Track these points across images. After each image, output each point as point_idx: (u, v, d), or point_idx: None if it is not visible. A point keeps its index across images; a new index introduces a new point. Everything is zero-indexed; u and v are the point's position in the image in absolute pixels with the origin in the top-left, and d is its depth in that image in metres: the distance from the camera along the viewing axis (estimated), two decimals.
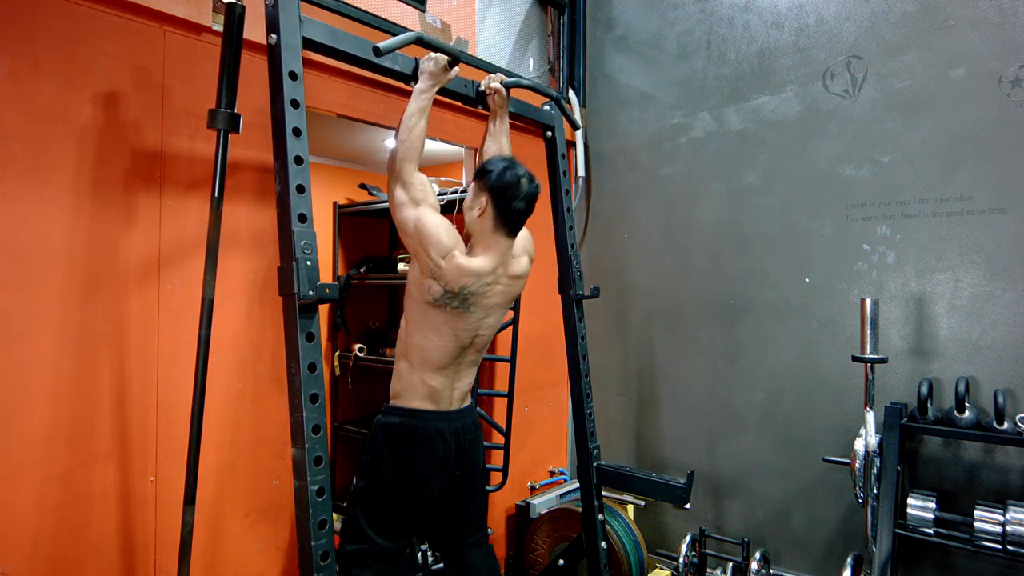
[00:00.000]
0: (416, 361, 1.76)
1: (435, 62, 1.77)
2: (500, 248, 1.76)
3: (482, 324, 1.80)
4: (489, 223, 1.74)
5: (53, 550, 1.64)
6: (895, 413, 2.26)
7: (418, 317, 1.75)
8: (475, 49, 2.96)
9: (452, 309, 1.72)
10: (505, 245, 1.77)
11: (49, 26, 1.64)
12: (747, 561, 2.51)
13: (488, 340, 1.88)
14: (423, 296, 1.72)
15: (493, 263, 1.75)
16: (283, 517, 2.16)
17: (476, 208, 1.75)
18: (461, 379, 1.84)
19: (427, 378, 1.76)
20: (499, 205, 1.73)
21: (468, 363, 1.85)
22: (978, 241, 2.27)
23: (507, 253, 1.79)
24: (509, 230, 1.76)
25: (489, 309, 1.80)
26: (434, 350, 1.75)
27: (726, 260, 2.88)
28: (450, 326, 1.74)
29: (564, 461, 3.41)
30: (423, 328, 1.74)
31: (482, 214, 1.74)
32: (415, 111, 1.72)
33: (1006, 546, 1.97)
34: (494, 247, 1.75)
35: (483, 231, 1.76)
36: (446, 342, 1.75)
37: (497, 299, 1.81)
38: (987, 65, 2.25)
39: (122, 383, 1.77)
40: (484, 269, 1.73)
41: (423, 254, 1.68)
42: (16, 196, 1.58)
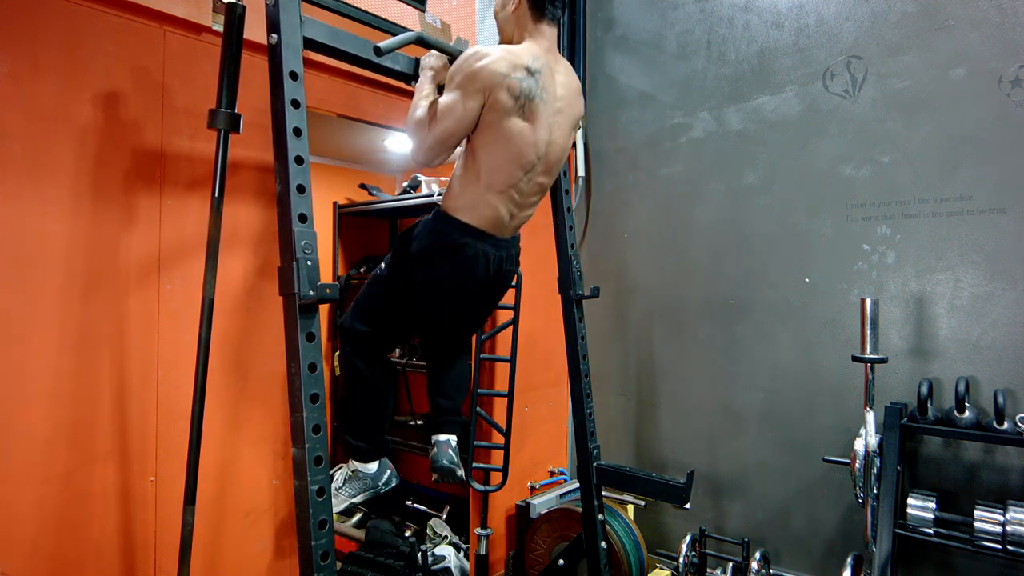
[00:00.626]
0: (484, 182, 1.69)
1: (437, 57, 1.78)
2: (545, 35, 1.72)
3: (555, 125, 1.73)
4: (526, 11, 1.71)
5: (53, 550, 1.64)
6: (895, 413, 2.26)
7: (488, 137, 1.67)
8: None
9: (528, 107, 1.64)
10: (549, 33, 1.73)
11: (49, 26, 1.64)
12: (747, 561, 2.51)
13: (559, 160, 1.80)
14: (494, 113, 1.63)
15: (544, 46, 1.70)
16: (283, 517, 2.16)
17: (510, 3, 1.72)
18: (525, 208, 1.79)
19: (493, 198, 1.70)
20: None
21: (536, 188, 1.78)
22: (978, 241, 2.27)
23: (553, 42, 1.74)
24: (549, 17, 1.72)
25: (558, 106, 1.72)
26: (506, 165, 1.67)
27: (726, 260, 2.88)
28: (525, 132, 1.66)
29: (564, 461, 3.41)
30: (495, 145, 1.66)
31: (517, 5, 1.71)
32: (418, 99, 1.73)
33: (1006, 546, 1.97)
34: (538, 35, 1.71)
35: (522, 24, 1.72)
36: (523, 148, 1.67)
37: (562, 91, 1.74)
38: (987, 65, 2.25)
39: (122, 383, 1.77)
40: (534, 48, 1.68)
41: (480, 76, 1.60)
42: (16, 196, 1.58)
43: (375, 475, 1.89)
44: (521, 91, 1.62)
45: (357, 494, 1.88)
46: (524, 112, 1.64)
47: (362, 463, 1.88)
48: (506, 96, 1.61)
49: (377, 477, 1.90)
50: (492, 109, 1.63)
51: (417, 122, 1.69)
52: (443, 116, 1.64)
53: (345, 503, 1.87)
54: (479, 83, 1.60)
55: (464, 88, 1.62)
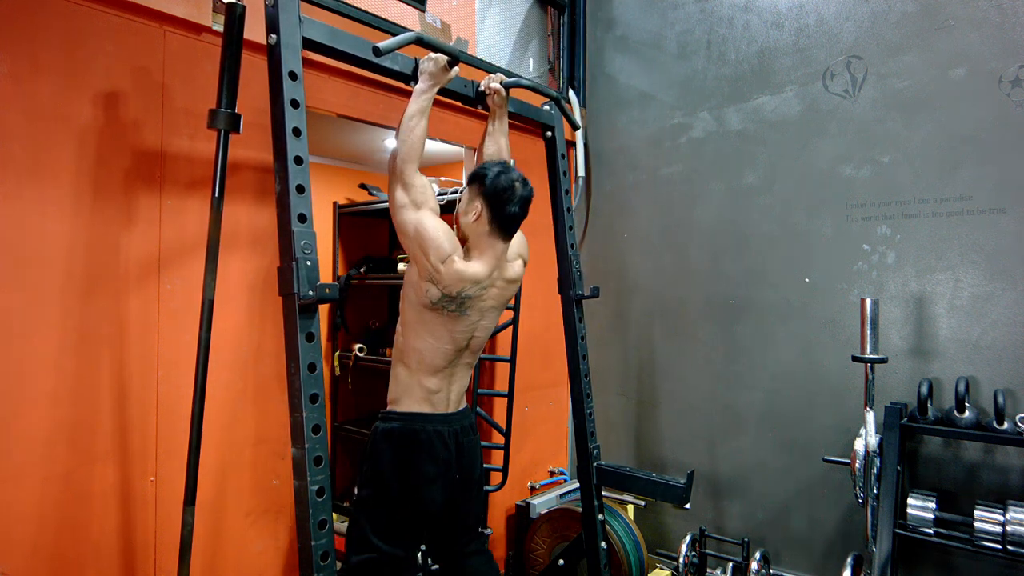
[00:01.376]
0: (413, 365, 1.77)
1: (435, 62, 1.77)
2: (496, 252, 1.78)
3: (478, 326, 1.81)
4: (484, 228, 1.76)
5: (53, 550, 1.64)
6: (895, 413, 2.26)
7: (414, 321, 1.76)
8: (475, 49, 2.96)
9: (449, 312, 1.73)
10: (500, 249, 1.79)
11: (49, 26, 1.64)
12: (747, 561, 2.51)
13: (483, 342, 1.89)
14: (420, 299, 1.72)
15: (489, 268, 1.76)
16: (283, 517, 2.16)
17: (472, 213, 1.77)
18: (457, 381, 1.85)
19: (425, 381, 1.77)
20: (494, 210, 1.74)
21: (464, 365, 1.86)
22: (978, 241, 2.27)
23: (502, 257, 1.80)
24: (505, 234, 1.78)
25: (484, 312, 1.81)
26: (431, 353, 1.75)
27: (726, 260, 2.88)
28: (447, 328, 1.75)
29: (564, 461, 3.41)
30: (420, 332, 1.75)
31: (477, 219, 1.76)
32: (415, 112, 1.72)
33: (1006, 546, 1.97)
34: (490, 251, 1.77)
35: (479, 236, 1.77)
36: (443, 344, 1.76)
37: (492, 302, 1.82)
38: (987, 65, 2.25)
39: (122, 383, 1.77)
40: (481, 275, 1.74)
41: (422, 258, 1.68)
42: (16, 196, 1.58)
43: None
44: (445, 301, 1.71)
45: None
46: (446, 314, 1.73)
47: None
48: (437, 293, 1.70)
49: None
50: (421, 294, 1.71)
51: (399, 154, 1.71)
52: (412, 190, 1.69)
53: None
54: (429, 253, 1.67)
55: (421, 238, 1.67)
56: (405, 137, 1.70)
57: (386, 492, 1.74)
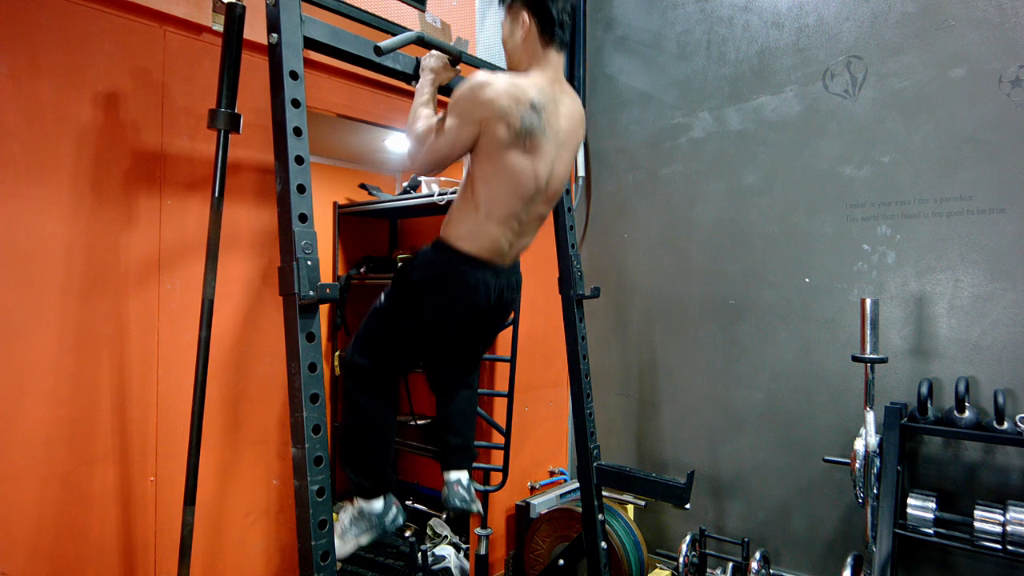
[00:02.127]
0: (483, 211, 1.69)
1: (437, 58, 1.78)
2: (553, 64, 1.73)
3: (557, 158, 1.73)
4: (535, 37, 1.71)
5: (53, 550, 1.64)
6: (895, 413, 2.26)
7: (488, 169, 1.66)
8: (475, 49, 2.96)
9: (529, 142, 1.64)
10: (556, 61, 1.74)
11: (49, 26, 1.64)
12: (747, 561, 2.51)
13: (560, 187, 1.81)
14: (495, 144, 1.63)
15: (549, 77, 1.71)
16: (283, 517, 2.16)
17: (518, 30, 1.72)
18: (524, 236, 1.80)
19: (493, 228, 1.70)
20: (541, 16, 1.70)
21: (535, 218, 1.79)
22: (978, 241, 2.27)
23: (560, 72, 1.75)
24: (558, 43, 1.73)
25: (561, 139, 1.73)
26: (506, 197, 1.68)
27: (726, 260, 2.88)
28: (529, 162, 1.66)
29: (564, 461, 3.41)
30: (495, 177, 1.66)
31: (526, 33, 1.71)
32: (419, 105, 1.73)
33: (1006, 546, 1.97)
34: (546, 63, 1.72)
35: (532, 52, 1.72)
36: (521, 183, 1.67)
37: (566, 123, 1.75)
38: (987, 65, 2.25)
39: (122, 383, 1.77)
40: (541, 79, 1.69)
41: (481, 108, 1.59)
42: (16, 196, 1.58)
43: (380, 513, 1.84)
44: (523, 127, 1.62)
45: (363, 533, 1.81)
46: (525, 146, 1.64)
47: (366, 500, 1.83)
48: (505, 131, 1.60)
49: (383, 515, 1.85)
50: (491, 141, 1.63)
51: (414, 135, 1.69)
52: (439, 138, 1.65)
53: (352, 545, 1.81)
54: (478, 114, 1.60)
55: (463, 117, 1.62)
56: (413, 123, 1.70)
57: (414, 314, 1.74)
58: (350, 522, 1.82)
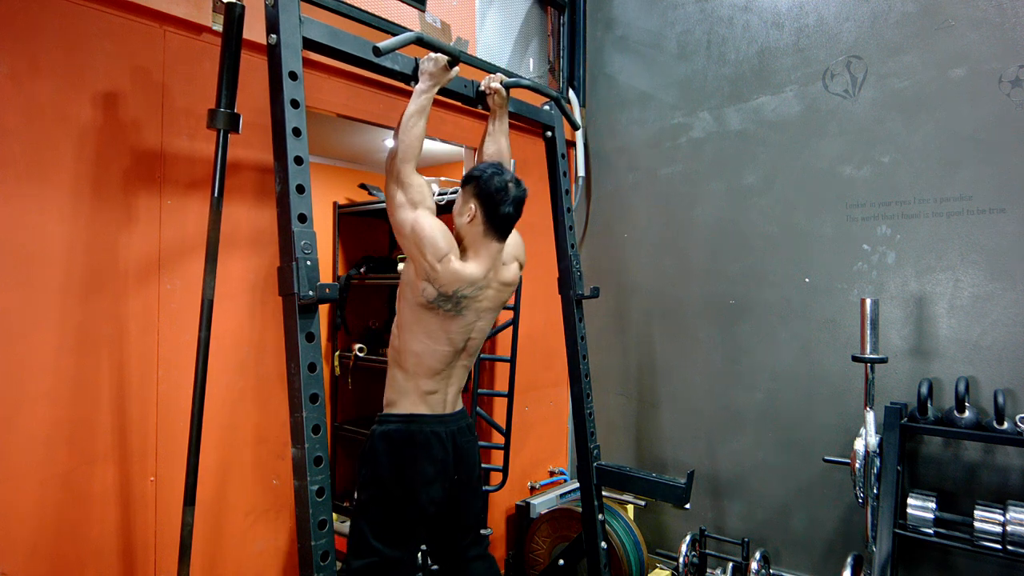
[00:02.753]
0: (410, 367, 1.77)
1: (435, 62, 1.77)
2: (491, 252, 1.79)
3: (474, 327, 1.82)
4: (479, 228, 1.77)
5: (53, 550, 1.64)
6: (895, 413, 2.26)
7: (411, 321, 1.76)
8: (475, 49, 2.96)
9: (445, 312, 1.73)
10: (495, 249, 1.79)
11: (49, 26, 1.64)
12: (747, 561, 2.51)
13: (479, 344, 1.90)
14: (416, 298, 1.73)
15: (485, 268, 1.77)
16: (283, 517, 2.15)
17: (466, 215, 1.78)
18: (454, 383, 1.85)
19: (422, 383, 1.77)
20: (488, 211, 1.75)
21: (461, 367, 1.86)
22: (978, 241, 2.27)
23: (498, 258, 1.81)
24: (499, 235, 1.79)
25: (480, 313, 1.82)
26: (428, 355, 1.76)
27: (726, 260, 2.88)
28: (443, 329, 1.75)
29: (564, 461, 3.41)
30: (416, 333, 1.75)
31: (472, 220, 1.77)
32: (414, 112, 1.72)
33: (1006, 546, 1.97)
34: (484, 252, 1.78)
35: (474, 236, 1.78)
36: (440, 346, 1.76)
37: (488, 303, 1.83)
38: (987, 65, 2.25)
39: (122, 383, 1.77)
40: (477, 275, 1.75)
41: (419, 256, 1.69)
42: (16, 196, 1.58)
43: None
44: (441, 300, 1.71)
45: None
46: (441, 314, 1.73)
47: None
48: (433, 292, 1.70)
49: None
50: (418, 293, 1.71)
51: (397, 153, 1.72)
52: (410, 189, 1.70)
53: None
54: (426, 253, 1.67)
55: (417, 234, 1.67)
56: (403, 136, 1.71)
57: (385, 494, 1.74)
58: None
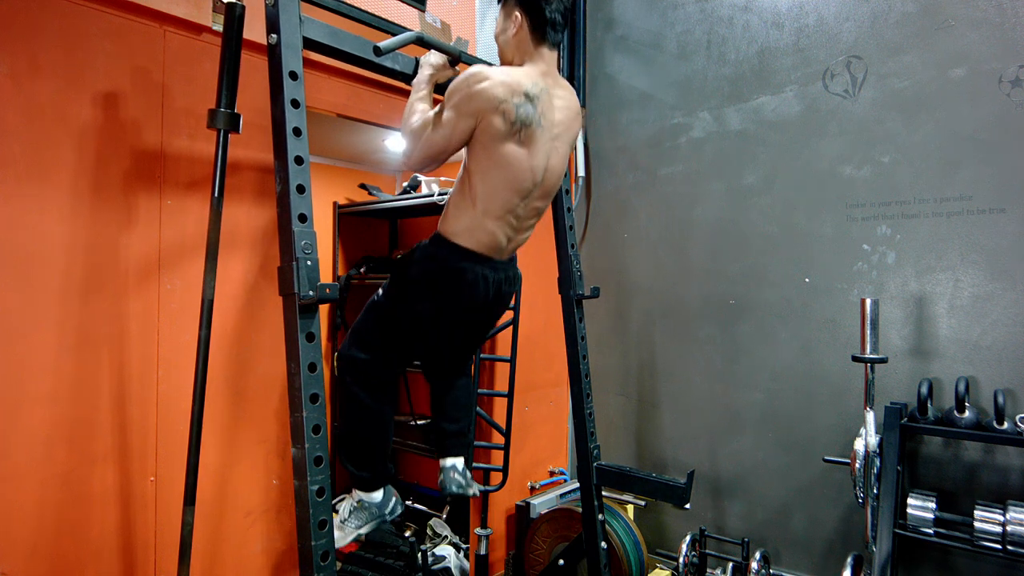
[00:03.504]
0: (480, 206, 1.69)
1: (437, 56, 1.78)
2: (545, 59, 1.72)
3: (552, 151, 1.73)
4: (527, 35, 1.71)
5: (53, 550, 1.64)
6: (895, 413, 2.26)
7: (484, 164, 1.66)
8: (475, 49, 2.96)
9: (523, 137, 1.64)
10: (549, 57, 1.73)
11: (49, 26, 1.64)
12: (747, 561, 2.51)
13: (554, 186, 1.81)
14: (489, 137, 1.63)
15: (540, 70, 1.70)
16: (283, 517, 2.16)
17: (511, 27, 1.72)
18: (522, 231, 1.80)
19: (490, 223, 1.70)
20: (533, 15, 1.69)
21: (533, 213, 1.79)
22: (978, 241, 2.27)
23: (552, 69, 1.74)
24: (549, 42, 1.72)
25: (556, 131, 1.73)
26: (502, 191, 1.67)
27: (726, 260, 2.88)
28: (525, 154, 1.66)
29: (564, 461, 3.41)
30: (491, 171, 1.66)
31: (518, 30, 1.71)
32: (415, 100, 1.73)
33: (1006, 546, 1.97)
34: (538, 58, 1.72)
35: (523, 49, 1.72)
36: (517, 177, 1.67)
37: (560, 115, 1.74)
38: (987, 65, 2.25)
39: (122, 383, 1.77)
40: (533, 74, 1.68)
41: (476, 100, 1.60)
42: (16, 196, 1.58)
43: (380, 504, 1.86)
44: (518, 117, 1.62)
45: (363, 525, 1.83)
46: (520, 138, 1.64)
47: (366, 492, 1.84)
48: (501, 121, 1.61)
49: (383, 506, 1.87)
50: (487, 133, 1.63)
51: (409, 130, 1.69)
52: (435, 131, 1.66)
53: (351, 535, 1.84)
54: (474, 106, 1.60)
55: (459, 109, 1.62)
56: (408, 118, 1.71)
57: (411, 309, 1.75)
58: (349, 513, 1.84)
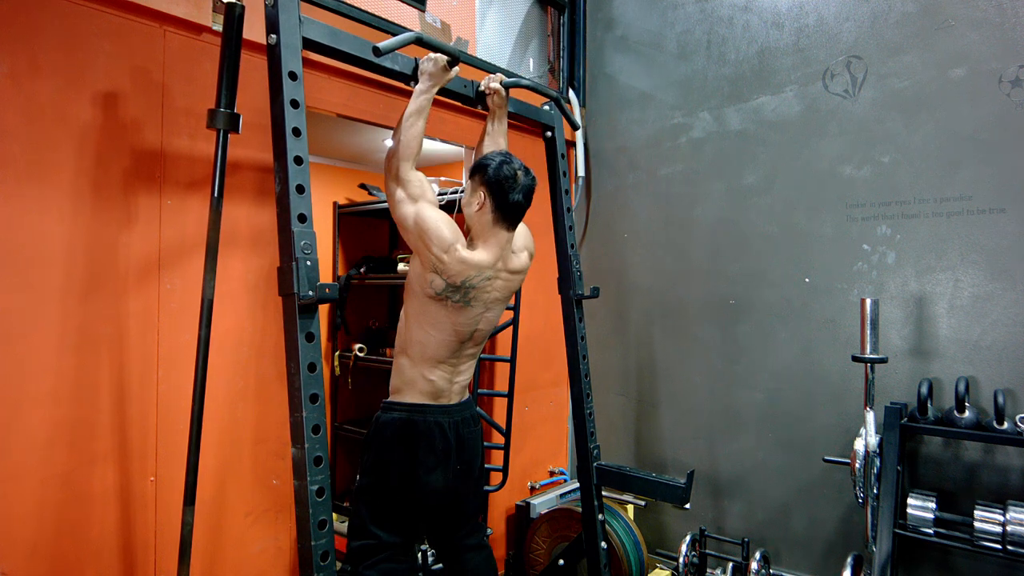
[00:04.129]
0: (416, 356, 1.77)
1: (434, 63, 1.77)
2: (500, 241, 1.78)
3: (482, 318, 1.81)
4: (488, 217, 1.76)
5: (53, 550, 1.64)
6: (895, 413, 2.26)
7: (418, 312, 1.76)
8: (475, 49, 2.96)
9: (453, 303, 1.73)
10: (505, 238, 1.79)
11: (49, 26, 1.64)
12: (747, 561, 2.51)
13: (487, 334, 1.89)
14: (424, 290, 1.73)
15: (494, 256, 1.76)
16: (283, 517, 2.15)
17: (475, 203, 1.77)
18: (461, 374, 1.85)
19: (427, 372, 1.77)
20: (497, 198, 1.74)
21: (467, 357, 1.86)
22: (978, 241, 2.27)
23: (507, 247, 1.80)
24: (508, 223, 1.78)
25: (489, 304, 1.81)
26: (434, 344, 1.76)
27: (726, 260, 2.88)
28: (450, 320, 1.75)
29: (564, 461, 3.41)
30: (423, 323, 1.75)
31: (481, 208, 1.76)
32: (413, 111, 1.73)
33: (1006, 546, 1.97)
34: (494, 240, 1.77)
35: (483, 225, 1.77)
36: (446, 336, 1.76)
37: (497, 293, 1.82)
38: (987, 65, 2.25)
39: (122, 383, 1.77)
40: (485, 262, 1.74)
41: (424, 249, 1.69)
42: (16, 196, 1.58)
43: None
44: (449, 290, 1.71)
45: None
46: (448, 306, 1.73)
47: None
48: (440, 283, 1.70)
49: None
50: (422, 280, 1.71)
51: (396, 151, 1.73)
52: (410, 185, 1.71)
53: None
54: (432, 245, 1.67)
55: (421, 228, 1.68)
56: (402, 135, 1.72)
57: (385, 481, 1.76)
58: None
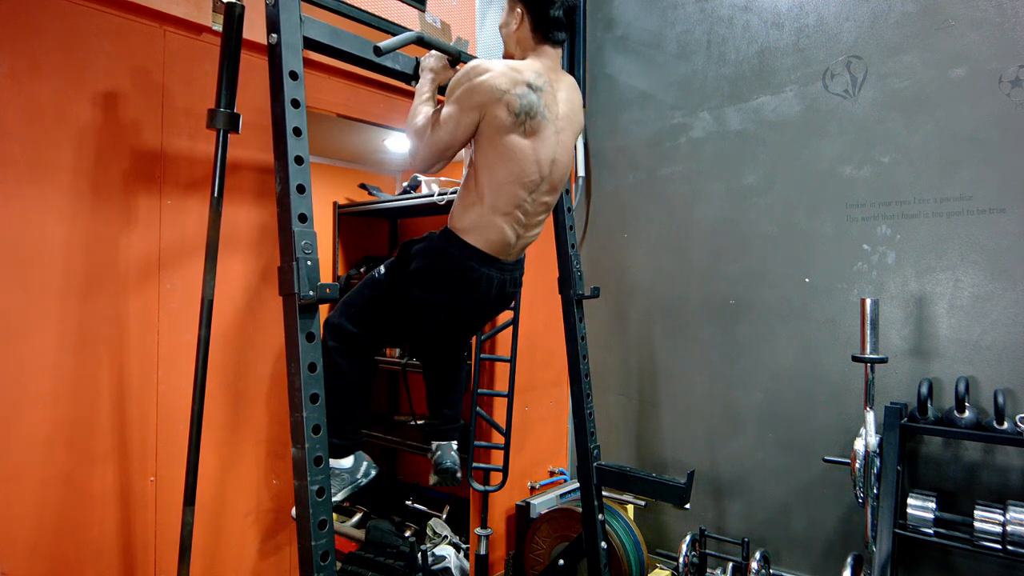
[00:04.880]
0: (488, 204, 1.68)
1: (436, 58, 1.78)
2: (547, 54, 1.72)
3: (558, 143, 1.72)
4: (528, 32, 1.71)
5: (53, 550, 1.64)
6: (895, 413, 2.26)
7: (490, 157, 1.65)
8: (475, 49, 2.96)
9: (529, 124, 1.63)
10: (552, 53, 1.73)
11: (49, 26, 1.64)
12: (747, 561, 2.51)
13: (563, 178, 1.80)
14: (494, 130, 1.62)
15: (542, 65, 1.70)
16: (283, 517, 2.16)
17: (513, 22, 1.72)
18: (532, 227, 1.79)
19: (498, 222, 1.69)
20: (535, 13, 1.69)
21: (542, 207, 1.77)
22: (978, 241, 2.27)
23: (556, 61, 1.74)
24: (551, 40, 1.72)
25: (559, 125, 1.72)
26: (509, 185, 1.66)
27: (726, 260, 2.88)
28: (530, 147, 1.65)
29: (564, 461, 3.41)
30: (497, 165, 1.65)
31: (520, 25, 1.71)
32: (418, 104, 1.74)
33: (1006, 546, 1.97)
34: (541, 54, 1.72)
35: (524, 42, 1.72)
36: (526, 167, 1.66)
37: (564, 108, 1.74)
38: (987, 65, 2.25)
39: (122, 383, 1.77)
40: (536, 67, 1.67)
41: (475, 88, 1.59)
42: (16, 196, 1.58)
43: (351, 469, 1.85)
44: (521, 108, 1.61)
45: (338, 491, 1.84)
46: (525, 129, 1.64)
47: (336, 459, 1.84)
48: (505, 113, 1.60)
49: (354, 471, 1.86)
50: (491, 126, 1.62)
51: (414, 130, 1.70)
52: (439, 128, 1.65)
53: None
54: (476, 99, 1.60)
55: (461, 103, 1.62)
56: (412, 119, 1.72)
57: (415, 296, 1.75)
58: None
